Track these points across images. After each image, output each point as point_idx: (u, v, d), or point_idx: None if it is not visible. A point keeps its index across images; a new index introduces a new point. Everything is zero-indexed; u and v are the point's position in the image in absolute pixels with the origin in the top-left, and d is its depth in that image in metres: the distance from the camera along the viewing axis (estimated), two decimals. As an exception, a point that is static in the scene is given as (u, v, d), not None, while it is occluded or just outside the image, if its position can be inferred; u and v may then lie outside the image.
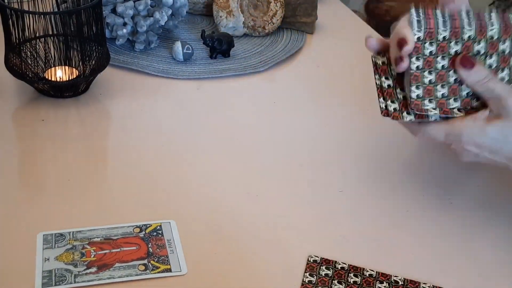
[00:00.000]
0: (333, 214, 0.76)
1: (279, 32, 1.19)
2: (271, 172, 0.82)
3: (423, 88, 0.67)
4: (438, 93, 0.67)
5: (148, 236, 0.69)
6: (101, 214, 0.72)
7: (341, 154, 0.87)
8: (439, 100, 0.67)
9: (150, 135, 0.88)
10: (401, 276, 0.67)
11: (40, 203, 0.74)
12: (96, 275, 0.64)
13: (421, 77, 0.67)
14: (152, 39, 1.08)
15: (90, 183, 0.78)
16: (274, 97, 1.00)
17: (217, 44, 1.07)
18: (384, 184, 0.81)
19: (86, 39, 0.92)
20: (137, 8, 1.04)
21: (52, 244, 0.67)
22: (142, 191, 0.77)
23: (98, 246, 0.67)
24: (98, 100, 0.95)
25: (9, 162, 0.81)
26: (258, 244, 0.70)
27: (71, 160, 0.82)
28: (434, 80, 0.67)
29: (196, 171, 0.81)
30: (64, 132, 0.88)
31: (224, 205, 0.76)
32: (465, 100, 0.67)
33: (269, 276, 0.66)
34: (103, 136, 0.89)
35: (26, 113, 0.90)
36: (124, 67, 1.03)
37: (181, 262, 0.66)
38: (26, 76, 0.91)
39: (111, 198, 0.76)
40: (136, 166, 0.81)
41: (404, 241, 0.72)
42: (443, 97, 0.67)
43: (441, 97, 0.67)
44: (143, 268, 0.65)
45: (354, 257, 0.69)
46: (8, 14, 0.87)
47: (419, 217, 0.76)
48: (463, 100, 0.67)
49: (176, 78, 1.02)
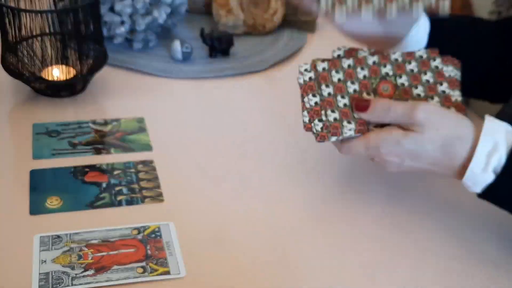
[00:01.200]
0: (334, 215, 0.75)
1: (279, 31, 1.18)
2: (271, 172, 0.82)
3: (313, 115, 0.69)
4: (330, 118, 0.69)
5: (146, 238, 0.69)
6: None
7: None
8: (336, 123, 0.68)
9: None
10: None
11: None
12: (93, 278, 0.63)
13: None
14: (150, 38, 1.07)
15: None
16: (274, 97, 1.00)
17: (216, 43, 1.06)
18: (384, 184, 0.81)
19: (84, 38, 0.91)
20: (135, 6, 1.03)
21: (49, 246, 0.66)
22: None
23: (95, 248, 0.67)
24: (96, 99, 0.94)
25: (5, 162, 0.80)
26: (257, 246, 0.70)
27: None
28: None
29: (195, 171, 0.81)
30: (61, 132, 0.87)
31: (223, 207, 0.75)
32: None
33: (268, 277, 0.65)
34: (101, 136, 0.88)
35: (23, 113, 0.90)
36: (122, 66, 1.02)
37: (179, 265, 0.66)
38: (23, 76, 0.90)
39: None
40: (134, 166, 0.81)
41: (403, 241, 0.72)
42: (336, 121, 0.68)
43: (333, 121, 0.68)
44: (141, 270, 0.64)
45: (353, 257, 0.69)
46: (4, 12, 0.86)
47: (419, 217, 0.75)
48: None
49: (175, 78, 1.01)
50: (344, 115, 0.68)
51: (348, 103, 0.69)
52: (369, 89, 0.69)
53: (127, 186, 0.76)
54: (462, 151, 0.65)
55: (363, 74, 0.70)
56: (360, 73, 0.70)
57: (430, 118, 0.65)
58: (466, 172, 0.64)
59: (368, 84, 0.70)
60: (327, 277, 0.66)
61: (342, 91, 0.69)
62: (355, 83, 0.69)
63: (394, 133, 0.66)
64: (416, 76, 0.70)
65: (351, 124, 0.68)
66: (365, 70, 0.70)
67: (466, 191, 0.67)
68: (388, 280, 0.67)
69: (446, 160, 0.66)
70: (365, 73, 0.70)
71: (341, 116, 0.68)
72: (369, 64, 0.70)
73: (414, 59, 0.71)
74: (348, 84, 0.69)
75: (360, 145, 0.68)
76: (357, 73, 0.70)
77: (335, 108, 0.69)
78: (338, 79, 0.70)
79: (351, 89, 0.69)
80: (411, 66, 0.70)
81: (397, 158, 0.67)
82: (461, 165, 0.65)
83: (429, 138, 0.65)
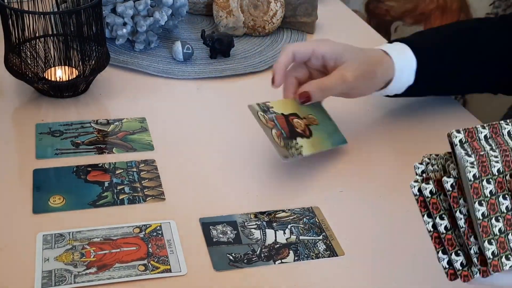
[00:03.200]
0: (333, 215, 0.75)
1: (279, 32, 1.19)
2: (271, 172, 0.82)
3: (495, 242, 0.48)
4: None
5: (148, 237, 0.69)
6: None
7: (342, 153, 0.87)
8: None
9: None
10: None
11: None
12: (95, 276, 0.64)
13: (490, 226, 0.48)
14: (152, 39, 1.08)
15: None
16: (274, 97, 1.00)
17: (217, 44, 1.07)
18: (384, 183, 0.81)
19: (86, 39, 0.91)
20: (137, 8, 1.03)
21: (52, 244, 0.67)
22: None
23: (97, 246, 0.67)
24: (98, 100, 0.95)
25: (8, 161, 0.81)
26: (258, 245, 0.70)
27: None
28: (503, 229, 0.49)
29: (196, 171, 0.81)
30: (63, 132, 0.88)
31: (224, 205, 0.76)
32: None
33: (267, 274, 0.66)
34: (103, 136, 0.88)
35: (26, 113, 0.90)
36: (124, 67, 1.03)
37: (181, 263, 0.66)
38: (26, 76, 0.91)
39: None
40: (136, 166, 0.81)
41: (403, 241, 0.72)
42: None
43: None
44: (143, 268, 0.65)
45: (353, 257, 0.69)
46: (8, 14, 0.87)
47: (419, 217, 0.76)
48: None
49: (176, 78, 1.02)
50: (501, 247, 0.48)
51: (503, 228, 0.48)
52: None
53: (129, 185, 0.77)
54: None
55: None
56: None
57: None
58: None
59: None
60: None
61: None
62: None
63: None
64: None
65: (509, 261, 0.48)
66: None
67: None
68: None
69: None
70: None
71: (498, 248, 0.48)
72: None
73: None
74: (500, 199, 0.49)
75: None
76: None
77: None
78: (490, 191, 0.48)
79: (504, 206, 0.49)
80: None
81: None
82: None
83: None
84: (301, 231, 0.72)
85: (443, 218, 0.50)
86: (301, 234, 0.71)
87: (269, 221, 0.73)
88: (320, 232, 0.72)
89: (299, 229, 0.72)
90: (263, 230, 0.72)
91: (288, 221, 0.73)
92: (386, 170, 0.84)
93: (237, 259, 0.67)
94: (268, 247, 0.69)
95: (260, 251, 0.69)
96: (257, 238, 0.70)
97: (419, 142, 0.90)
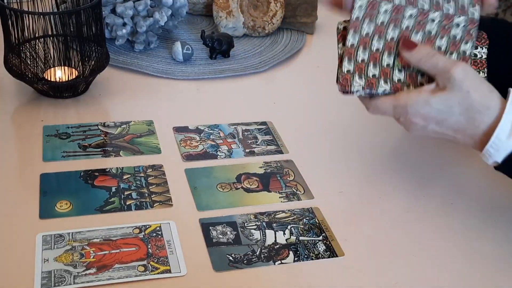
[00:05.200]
0: (333, 215, 0.75)
1: (279, 33, 1.19)
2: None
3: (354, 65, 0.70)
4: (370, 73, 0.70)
5: (147, 237, 0.69)
6: (101, 215, 0.72)
7: (341, 153, 0.87)
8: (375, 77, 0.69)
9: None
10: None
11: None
12: (95, 276, 0.63)
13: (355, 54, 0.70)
14: (151, 39, 1.08)
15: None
16: (274, 98, 1.00)
17: (217, 44, 1.07)
18: (384, 184, 0.81)
19: (86, 40, 0.91)
20: (136, 8, 1.03)
21: (51, 245, 0.67)
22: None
23: (97, 247, 0.67)
24: (98, 100, 0.95)
25: (8, 162, 0.80)
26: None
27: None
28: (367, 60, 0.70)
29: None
30: (63, 133, 0.88)
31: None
32: (411, 75, 0.70)
33: (267, 275, 0.66)
34: (103, 136, 0.88)
35: (26, 114, 0.90)
36: (123, 68, 1.03)
37: (180, 263, 0.66)
38: (26, 77, 0.91)
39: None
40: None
41: (403, 241, 0.72)
42: (374, 77, 0.69)
43: (372, 77, 0.69)
44: (142, 269, 0.65)
45: (353, 258, 0.69)
46: (7, 14, 0.87)
47: (419, 218, 0.76)
48: (407, 74, 0.69)
49: (176, 79, 1.02)
50: (384, 74, 0.69)
51: (391, 64, 0.69)
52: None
53: (136, 191, 0.77)
54: (487, 119, 0.66)
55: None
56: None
57: (466, 78, 0.65)
58: (491, 138, 0.65)
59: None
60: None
61: (381, 33, 0.69)
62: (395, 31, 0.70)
63: (424, 93, 0.67)
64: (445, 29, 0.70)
65: (387, 85, 0.69)
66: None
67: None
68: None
69: (471, 127, 0.66)
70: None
71: (380, 74, 0.69)
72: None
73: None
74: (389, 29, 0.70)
75: (388, 103, 0.69)
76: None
77: (378, 64, 0.69)
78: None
79: (389, 35, 0.70)
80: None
81: (423, 121, 0.67)
82: (484, 134, 0.66)
83: (458, 100, 0.65)
84: (301, 232, 0.72)
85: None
86: (301, 235, 0.71)
87: (269, 221, 0.73)
88: (320, 232, 0.72)
89: (299, 230, 0.72)
90: (263, 230, 0.72)
91: (288, 222, 0.73)
92: (386, 170, 0.84)
93: (237, 259, 0.67)
94: (268, 247, 0.69)
95: (260, 251, 0.69)
96: (257, 239, 0.70)
97: (419, 143, 0.90)
